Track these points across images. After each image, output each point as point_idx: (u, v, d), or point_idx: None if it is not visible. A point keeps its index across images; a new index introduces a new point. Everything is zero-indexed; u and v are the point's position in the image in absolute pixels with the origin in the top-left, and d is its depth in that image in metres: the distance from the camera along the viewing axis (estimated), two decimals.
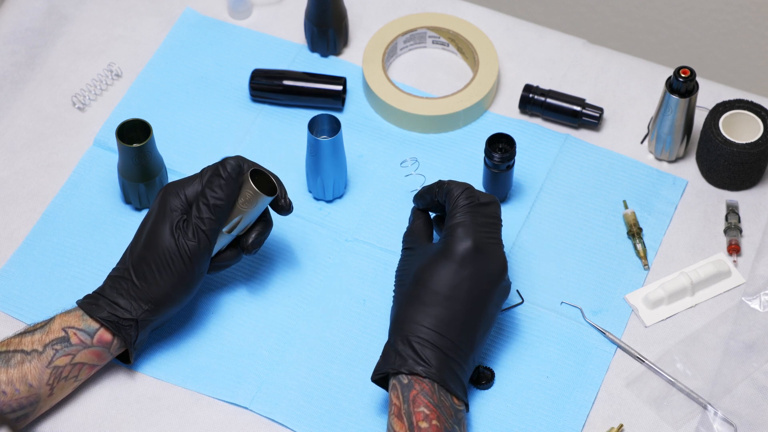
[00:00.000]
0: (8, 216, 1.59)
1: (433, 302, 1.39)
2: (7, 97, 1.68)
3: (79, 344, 1.40)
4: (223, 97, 1.68)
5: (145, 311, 1.41)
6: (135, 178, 1.55)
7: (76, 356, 1.40)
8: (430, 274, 1.39)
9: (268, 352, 1.49)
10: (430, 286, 1.39)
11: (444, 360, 1.37)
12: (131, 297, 1.41)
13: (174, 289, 1.42)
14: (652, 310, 1.51)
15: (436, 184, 1.46)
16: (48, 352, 1.38)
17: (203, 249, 1.42)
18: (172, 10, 1.76)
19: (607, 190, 1.61)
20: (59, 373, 1.39)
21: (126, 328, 1.40)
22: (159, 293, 1.41)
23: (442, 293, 1.39)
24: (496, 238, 1.42)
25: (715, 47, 2.25)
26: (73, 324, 1.40)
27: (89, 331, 1.40)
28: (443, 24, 1.71)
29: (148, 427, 1.44)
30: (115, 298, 1.41)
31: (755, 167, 1.59)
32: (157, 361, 1.48)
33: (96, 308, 1.40)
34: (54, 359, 1.39)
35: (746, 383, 1.46)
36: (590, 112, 1.65)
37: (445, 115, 1.64)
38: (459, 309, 1.39)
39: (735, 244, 1.55)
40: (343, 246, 1.56)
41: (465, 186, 1.44)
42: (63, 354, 1.39)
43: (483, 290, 1.40)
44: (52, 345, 1.39)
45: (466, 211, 1.42)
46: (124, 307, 1.40)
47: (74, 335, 1.39)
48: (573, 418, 1.44)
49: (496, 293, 1.41)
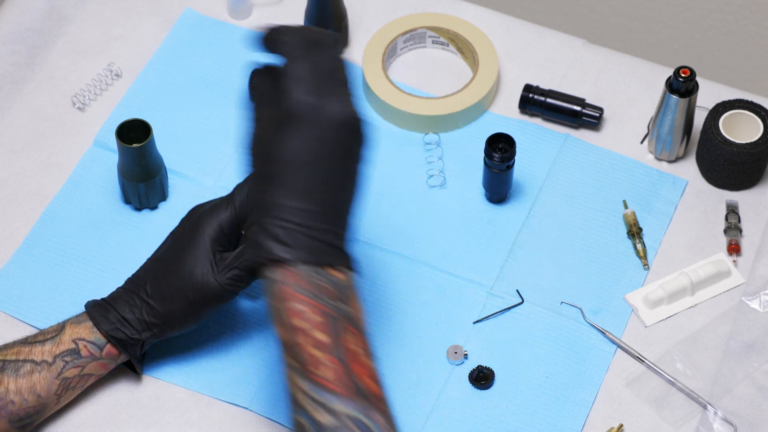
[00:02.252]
0: (8, 216, 1.59)
1: (285, 176, 1.22)
2: (7, 97, 1.68)
3: (89, 357, 1.39)
4: (223, 97, 1.68)
5: (153, 333, 1.39)
6: (135, 178, 1.55)
7: (86, 368, 1.39)
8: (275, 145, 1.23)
9: (268, 352, 1.49)
10: (278, 157, 1.22)
11: (312, 235, 1.22)
12: (142, 315, 1.38)
13: (186, 318, 1.39)
14: (652, 310, 1.52)
15: None
16: (58, 364, 1.38)
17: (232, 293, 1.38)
18: (172, 10, 1.76)
19: (607, 190, 1.61)
20: (68, 384, 1.39)
21: (132, 345, 1.40)
22: (170, 318, 1.39)
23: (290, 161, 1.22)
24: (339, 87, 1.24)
25: (715, 47, 2.25)
26: (83, 336, 1.39)
27: (99, 344, 1.39)
28: (443, 24, 1.71)
29: (148, 427, 1.44)
30: (125, 313, 1.39)
31: (755, 167, 1.59)
32: (157, 361, 1.48)
33: (105, 321, 1.39)
34: (64, 371, 1.38)
35: (746, 383, 1.47)
36: (590, 112, 1.65)
37: (445, 115, 1.64)
38: (316, 175, 1.23)
39: (735, 244, 1.55)
40: None
41: None
42: (73, 366, 1.38)
43: (337, 147, 1.23)
44: (62, 357, 1.38)
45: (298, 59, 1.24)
46: (132, 324, 1.38)
47: (84, 347, 1.38)
48: (573, 418, 1.44)
49: (353, 146, 1.25)
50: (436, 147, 1.63)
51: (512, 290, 1.53)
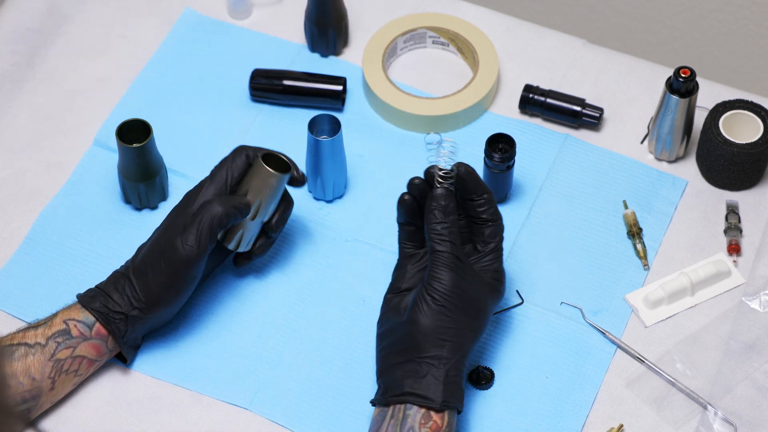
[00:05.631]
0: (8, 216, 1.59)
1: (476, 334, 1.41)
2: (7, 96, 1.68)
3: (79, 336, 1.40)
4: (223, 97, 1.68)
5: (136, 308, 1.41)
6: (135, 178, 1.55)
7: (77, 349, 1.40)
8: (485, 306, 1.41)
9: (268, 353, 1.49)
10: (484, 317, 1.41)
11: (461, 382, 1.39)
12: (125, 293, 1.42)
13: (165, 291, 1.42)
14: (652, 310, 1.51)
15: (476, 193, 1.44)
16: (50, 345, 1.39)
17: (198, 254, 1.42)
18: (172, 10, 1.76)
19: (607, 190, 1.61)
20: (61, 366, 1.40)
21: (116, 321, 1.41)
22: (151, 293, 1.42)
23: (483, 329, 1.42)
24: None
25: (715, 47, 2.25)
26: (73, 316, 1.41)
27: (88, 322, 1.41)
28: (443, 24, 1.71)
29: (147, 427, 1.44)
30: (111, 293, 1.42)
31: (755, 167, 1.59)
32: (157, 361, 1.48)
33: (91, 300, 1.42)
34: (56, 352, 1.39)
35: (746, 383, 1.46)
36: (590, 112, 1.65)
37: (445, 115, 1.64)
38: (479, 335, 1.42)
39: (735, 244, 1.55)
40: (343, 246, 1.56)
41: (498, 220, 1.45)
42: (65, 347, 1.40)
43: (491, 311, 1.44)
44: (54, 338, 1.40)
45: (500, 252, 1.44)
46: (116, 300, 1.42)
47: (74, 327, 1.40)
48: (573, 418, 1.44)
49: None
50: (438, 146, 1.63)
51: (512, 290, 1.53)
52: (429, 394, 1.34)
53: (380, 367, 1.40)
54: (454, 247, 1.39)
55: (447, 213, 1.40)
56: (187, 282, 1.43)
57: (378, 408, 1.37)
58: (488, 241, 1.43)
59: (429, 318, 1.37)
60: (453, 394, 1.36)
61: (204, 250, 1.42)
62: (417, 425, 1.33)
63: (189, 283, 1.43)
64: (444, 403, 1.35)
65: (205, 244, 1.42)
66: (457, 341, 1.37)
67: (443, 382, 1.35)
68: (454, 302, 1.37)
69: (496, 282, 1.43)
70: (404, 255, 1.46)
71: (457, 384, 1.36)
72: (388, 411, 1.35)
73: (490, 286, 1.42)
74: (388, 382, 1.37)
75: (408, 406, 1.35)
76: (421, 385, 1.35)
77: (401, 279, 1.44)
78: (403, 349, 1.37)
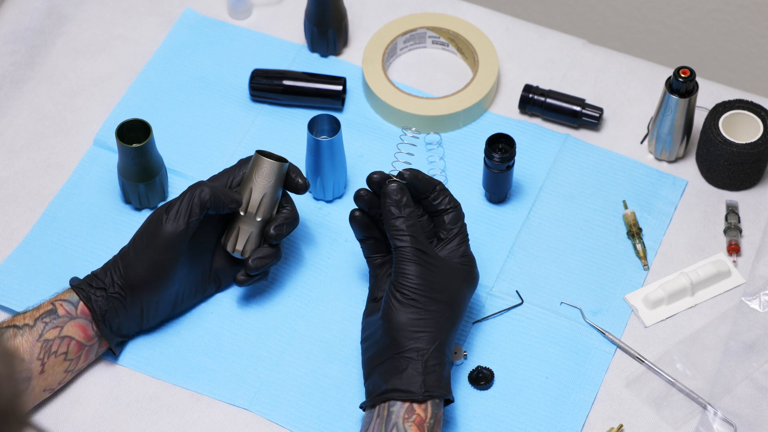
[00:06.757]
0: (8, 216, 1.59)
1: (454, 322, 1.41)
2: (7, 96, 1.68)
3: (66, 315, 1.41)
4: (223, 97, 1.68)
5: (117, 284, 1.42)
6: (135, 178, 1.55)
7: (64, 328, 1.41)
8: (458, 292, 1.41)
9: (268, 353, 1.49)
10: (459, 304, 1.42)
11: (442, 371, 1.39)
12: (109, 271, 1.43)
13: (145, 268, 1.43)
14: (651, 310, 1.51)
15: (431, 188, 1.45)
16: (38, 326, 1.40)
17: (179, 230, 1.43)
18: (172, 10, 1.76)
19: (607, 190, 1.61)
20: (49, 347, 1.40)
21: (97, 299, 1.42)
22: (131, 271, 1.43)
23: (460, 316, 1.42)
24: None
25: (715, 47, 2.25)
26: (60, 297, 1.43)
27: (73, 301, 1.42)
28: (443, 24, 1.71)
29: (147, 427, 1.44)
30: (98, 273, 1.44)
31: (755, 167, 1.59)
32: (156, 360, 1.48)
33: (79, 281, 1.44)
34: (44, 333, 1.40)
35: (746, 383, 1.47)
36: (590, 112, 1.65)
37: (445, 115, 1.64)
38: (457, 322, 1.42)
39: (735, 244, 1.55)
40: (343, 246, 1.56)
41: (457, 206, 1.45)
42: (52, 326, 1.41)
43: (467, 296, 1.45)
44: (42, 318, 1.41)
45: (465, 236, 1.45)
46: (99, 277, 1.43)
47: (60, 306, 1.42)
48: (573, 418, 1.44)
49: None
50: (438, 147, 1.63)
51: (512, 291, 1.53)
52: (410, 387, 1.35)
53: (365, 371, 1.41)
54: (415, 241, 1.40)
55: (402, 206, 1.41)
56: (168, 263, 1.43)
57: (367, 410, 1.38)
58: (450, 227, 1.44)
59: (401, 313, 1.38)
60: (435, 384, 1.36)
61: (184, 226, 1.42)
62: (401, 421, 1.34)
63: (170, 265, 1.43)
64: (426, 394, 1.35)
65: (185, 220, 1.42)
66: (433, 331, 1.38)
67: (422, 372, 1.36)
68: (424, 294, 1.38)
69: (467, 266, 1.43)
70: (374, 266, 1.47)
71: (438, 373, 1.37)
72: (375, 411, 1.36)
73: (460, 272, 1.42)
74: (373, 383, 1.38)
75: (392, 403, 1.35)
76: (401, 380, 1.35)
77: (376, 288, 1.46)
78: (382, 348, 1.38)
